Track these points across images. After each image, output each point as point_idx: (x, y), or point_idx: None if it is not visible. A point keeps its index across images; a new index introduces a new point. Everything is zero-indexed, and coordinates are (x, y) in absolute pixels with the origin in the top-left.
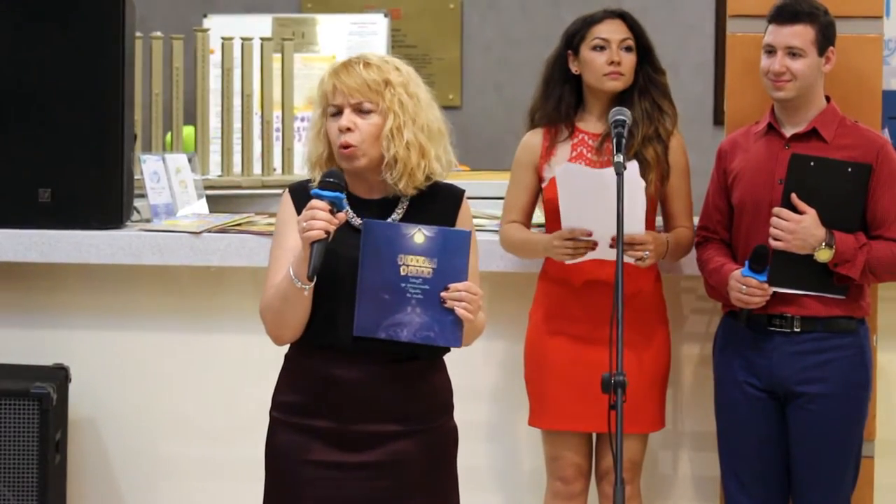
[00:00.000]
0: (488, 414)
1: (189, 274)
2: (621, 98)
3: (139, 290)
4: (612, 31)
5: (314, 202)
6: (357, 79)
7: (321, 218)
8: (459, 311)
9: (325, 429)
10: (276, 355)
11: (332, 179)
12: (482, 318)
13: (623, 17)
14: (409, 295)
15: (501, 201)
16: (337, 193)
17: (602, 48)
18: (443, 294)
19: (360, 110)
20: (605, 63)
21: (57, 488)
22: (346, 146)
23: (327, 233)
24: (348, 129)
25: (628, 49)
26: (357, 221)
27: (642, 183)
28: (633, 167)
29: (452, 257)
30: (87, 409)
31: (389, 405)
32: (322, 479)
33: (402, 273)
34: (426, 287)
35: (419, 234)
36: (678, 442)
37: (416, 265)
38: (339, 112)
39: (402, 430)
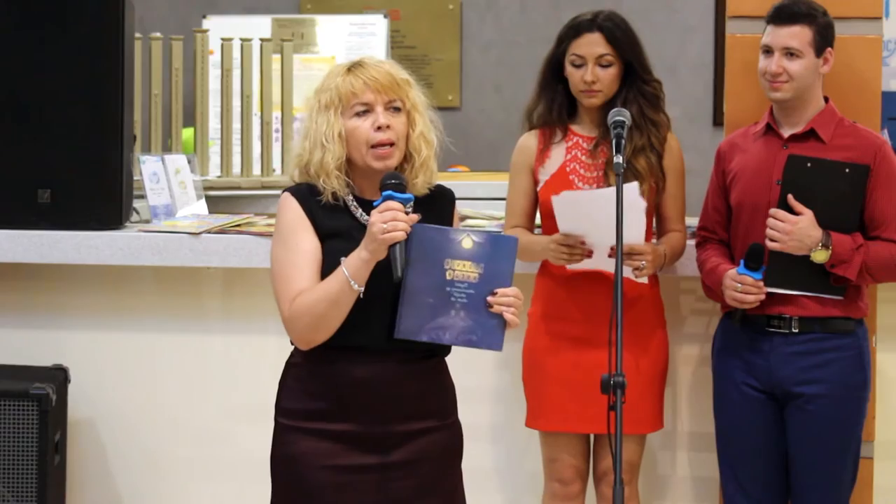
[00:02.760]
0: (488, 414)
1: (188, 274)
2: (608, 108)
3: (139, 291)
4: (589, 45)
5: (391, 203)
6: (388, 76)
7: (402, 219)
8: (508, 317)
9: (347, 432)
10: (276, 356)
11: (396, 181)
12: None
13: (602, 29)
14: (453, 299)
15: (500, 202)
16: (409, 195)
17: (579, 65)
18: (490, 299)
19: (391, 108)
20: (581, 81)
21: (56, 489)
22: (385, 144)
23: (406, 233)
24: (388, 127)
25: (607, 65)
26: None
27: (643, 203)
28: (632, 189)
29: (499, 263)
30: (87, 409)
31: (411, 403)
32: (344, 483)
33: (448, 277)
34: (471, 291)
35: (467, 240)
36: (677, 443)
37: (463, 270)
38: (367, 111)
39: (422, 427)
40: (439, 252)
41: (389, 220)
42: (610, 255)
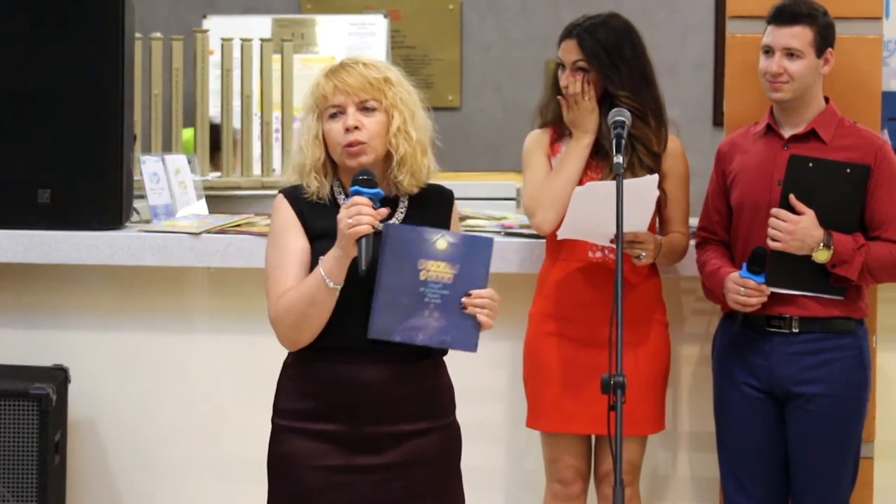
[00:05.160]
0: (489, 414)
1: (189, 274)
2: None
3: (139, 291)
4: (566, 51)
5: (357, 199)
6: (359, 77)
7: (367, 213)
8: (482, 318)
9: (338, 432)
10: (276, 356)
11: (367, 177)
12: None
13: (578, 37)
14: (427, 300)
15: (501, 202)
16: (376, 190)
17: (563, 68)
18: (464, 300)
19: (364, 108)
20: (562, 84)
21: (56, 489)
22: (354, 144)
23: (373, 227)
24: (356, 128)
25: (583, 70)
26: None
27: (657, 193)
28: (652, 181)
29: (474, 264)
30: (87, 409)
31: (405, 404)
32: (336, 483)
33: (422, 278)
34: (445, 292)
35: (442, 241)
36: (677, 443)
37: (437, 270)
38: (340, 113)
39: (416, 429)
40: (413, 252)
41: (354, 215)
42: (612, 241)
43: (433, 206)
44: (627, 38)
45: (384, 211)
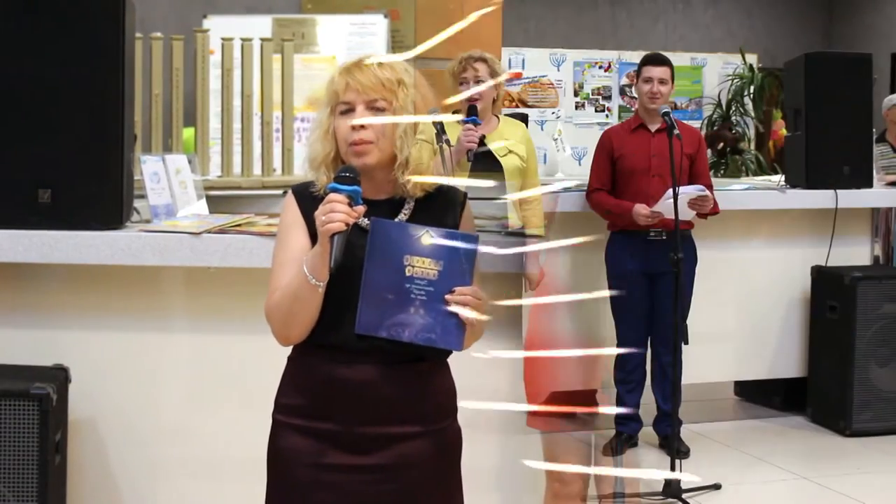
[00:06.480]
0: (488, 414)
1: (189, 274)
2: None
3: (139, 291)
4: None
5: (332, 195)
6: (371, 77)
7: (341, 210)
8: (463, 315)
9: (330, 431)
10: (276, 356)
11: (347, 174)
12: (481, 323)
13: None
14: (413, 296)
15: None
16: (354, 187)
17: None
18: (447, 297)
19: (373, 108)
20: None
21: (57, 489)
22: (360, 143)
23: (347, 225)
24: (362, 127)
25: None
26: (365, 221)
27: None
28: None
29: (458, 261)
30: (87, 409)
31: (396, 407)
32: (328, 482)
33: (408, 273)
34: (430, 289)
35: (427, 236)
36: None
37: (422, 266)
38: (350, 110)
39: (408, 431)
40: (399, 247)
41: (328, 212)
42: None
43: (441, 208)
44: None
45: (361, 209)
